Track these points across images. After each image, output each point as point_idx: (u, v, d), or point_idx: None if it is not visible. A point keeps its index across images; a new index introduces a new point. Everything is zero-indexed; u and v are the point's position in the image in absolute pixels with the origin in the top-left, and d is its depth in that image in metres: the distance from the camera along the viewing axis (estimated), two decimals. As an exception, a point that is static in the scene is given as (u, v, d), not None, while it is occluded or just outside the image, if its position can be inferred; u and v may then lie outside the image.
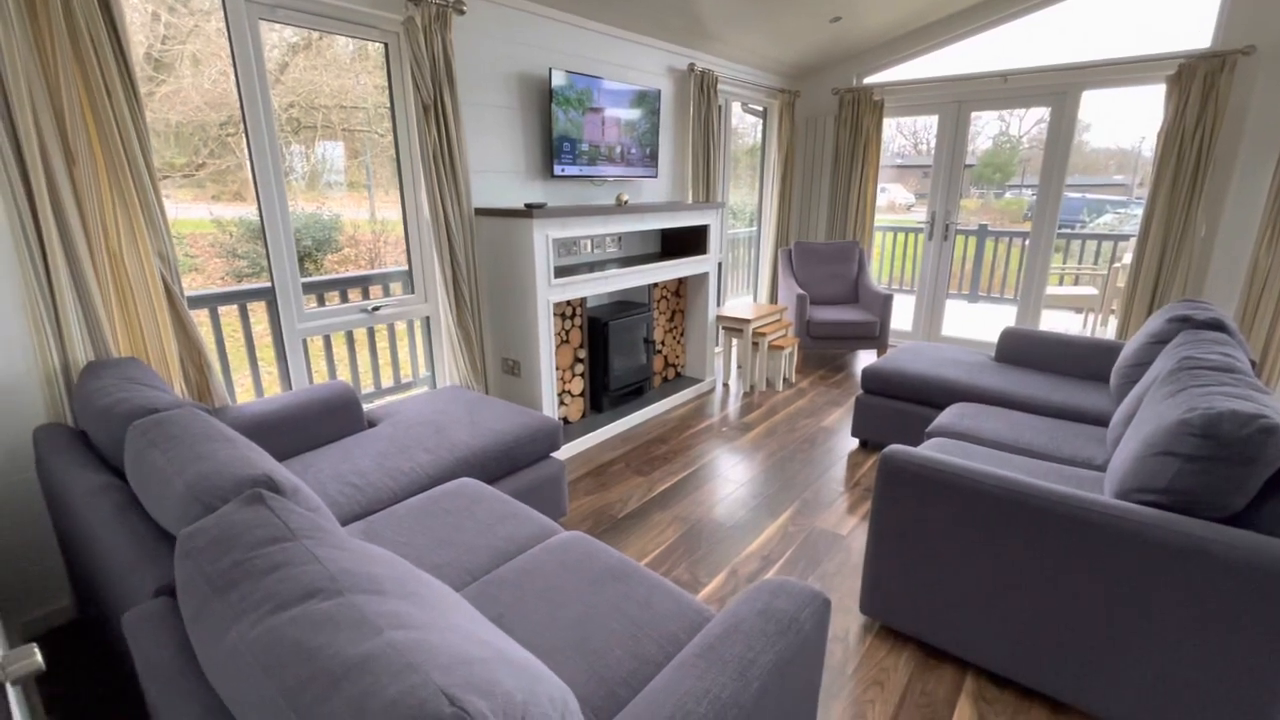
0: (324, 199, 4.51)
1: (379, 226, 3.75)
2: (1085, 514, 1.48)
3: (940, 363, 3.09)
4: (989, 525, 1.61)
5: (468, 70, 2.73)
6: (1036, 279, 4.53)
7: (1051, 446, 2.24)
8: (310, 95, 3.76)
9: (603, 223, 3.08)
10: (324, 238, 4.92)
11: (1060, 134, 4.24)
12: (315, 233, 4.82)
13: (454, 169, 2.58)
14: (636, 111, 3.48)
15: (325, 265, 4.75)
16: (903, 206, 14.89)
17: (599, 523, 2.49)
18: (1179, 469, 1.42)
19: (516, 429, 2.30)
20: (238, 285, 3.82)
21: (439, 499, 1.84)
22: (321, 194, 4.44)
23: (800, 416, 3.65)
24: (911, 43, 4.63)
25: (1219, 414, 1.37)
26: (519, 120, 3.01)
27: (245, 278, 4.55)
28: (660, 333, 3.95)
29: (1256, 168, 3.63)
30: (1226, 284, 3.82)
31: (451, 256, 2.64)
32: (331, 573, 0.82)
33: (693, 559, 2.24)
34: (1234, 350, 1.99)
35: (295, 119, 4.01)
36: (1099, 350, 2.92)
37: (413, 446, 2.13)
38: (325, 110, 3.89)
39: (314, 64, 3.90)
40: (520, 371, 2.96)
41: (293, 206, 4.43)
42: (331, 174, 4.18)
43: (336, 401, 2.28)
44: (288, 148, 4.05)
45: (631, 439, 3.32)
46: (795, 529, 2.45)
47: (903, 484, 1.73)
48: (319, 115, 3.90)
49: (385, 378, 3.23)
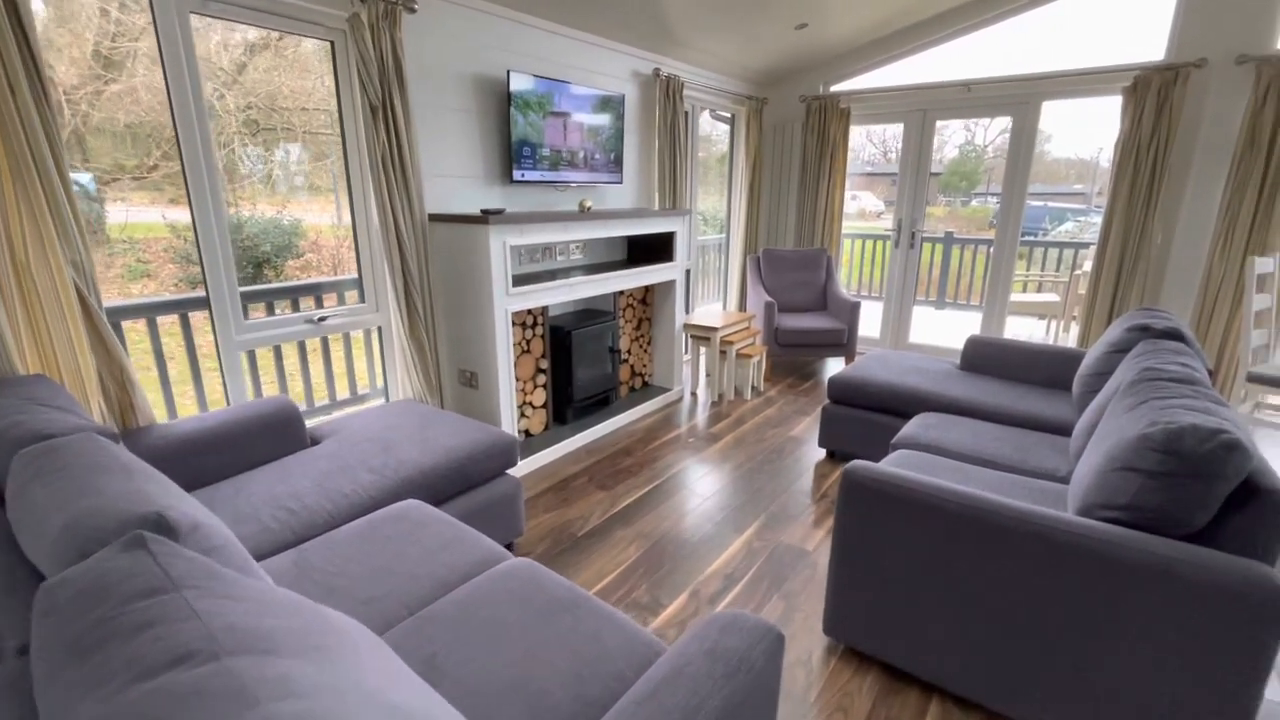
0: (286, 203, 4.34)
1: (343, 231, 3.63)
2: (1048, 532, 1.43)
3: (906, 371, 3.07)
4: (952, 543, 1.56)
5: (420, 71, 2.62)
6: (1001, 286, 4.57)
7: (1016, 458, 2.21)
8: (270, 97, 3.61)
9: (564, 229, 2.99)
10: (284, 243, 4.73)
11: (1022, 143, 4.28)
12: (275, 238, 4.64)
13: (405, 173, 2.47)
14: (600, 116, 3.41)
15: (286, 271, 4.57)
16: (873, 214, 15.10)
17: (558, 542, 2.40)
18: (1141, 485, 1.38)
19: (469, 445, 2.19)
20: (176, 294, 3.62)
21: (381, 523, 1.73)
22: (285, 198, 4.27)
23: (768, 426, 3.60)
24: (877, 51, 4.65)
25: (1180, 429, 1.33)
26: (476, 124, 2.91)
27: (199, 284, 4.36)
28: (626, 341, 3.87)
29: (1209, 178, 3.71)
30: (1182, 292, 3.89)
31: (403, 264, 2.53)
32: (211, 631, 0.72)
33: (653, 579, 2.16)
34: (1192, 360, 1.99)
35: (254, 121, 3.85)
36: (1061, 358, 2.93)
37: (356, 466, 2.01)
38: (286, 113, 3.74)
39: (275, 65, 3.75)
40: (478, 384, 2.85)
41: (251, 211, 4.24)
42: (295, 177, 4.03)
43: (276, 418, 2.15)
44: (244, 150, 3.89)
45: (596, 451, 3.23)
46: (760, 544, 2.38)
47: (865, 501, 1.68)
48: (279, 118, 3.75)
49: (341, 388, 3.10)
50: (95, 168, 3.58)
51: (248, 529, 1.67)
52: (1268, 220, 3.49)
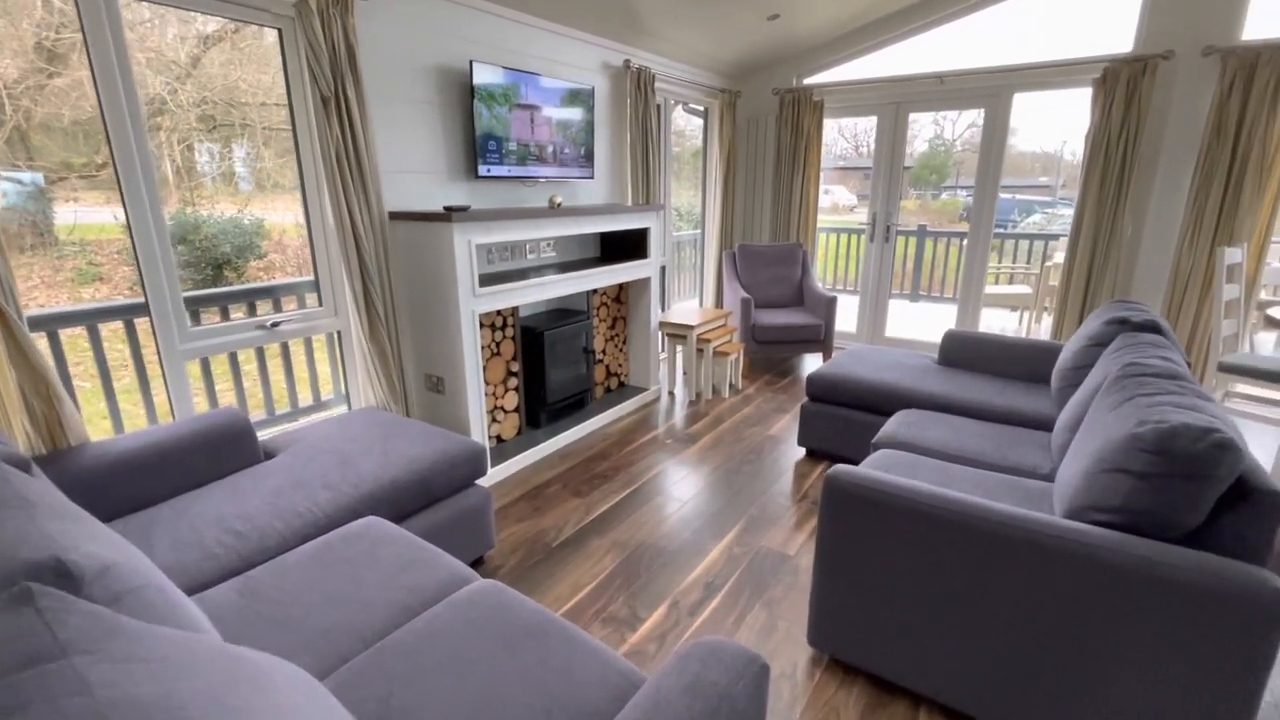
0: (248, 202, 4.14)
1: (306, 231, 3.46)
2: (1037, 537, 1.38)
3: (884, 367, 3.03)
4: (938, 549, 1.50)
5: (376, 61, 2.49)
6: (975, 278, 4.57)
7: (997, 455, 2.18)
8: (228, 91, 3.42)
9: (534, 226, 2.88)
10: (245, 243, 4.53)
11: (994, 135, 4.28)
12: (235, 238, 4.43)
13: (361, 169, 2.34)
14: (569, 109, 3.30)
15: (249, 272, 4.38)
16: (846, 208, 15.21)
17: (531, 553, 2.30)
18: (1132, 487, 1.33)
19: (434, 456, 2.08)
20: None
21: (337, 544, 1.61)
22: (247, 196, 4.08)
23: (747, 425, 3.54)
24: (850, 43, 4.61)
25: (1171, 429, 1.29)
26: (438, 117, 2.78)
27: None
28: (601, 341, 3.77)
29: (1177, 170, 3.73)
30: (1152, 283, 3.92)
31: (361, 265, 2.39)
32: (100, 708, 0.61)
33: (631, 590, 2.08)
34: (1172, 353, 1.96)
35: (210, 116, 3.65)
36: (1039, 352, 2.91)
37: (312, 481, 1.88)
38: (244, 108, 3.55)
39: (232, 58, 3.56)
40: (445, 389, 2.73)
41: (210, 210, 4.04)
42: (257, 175, 3.84)
43: (224, 431, 2.01)
44: (200, 146, 3.69)
45: (571, 456, 3.13)
46: (741, 550, 2.31)
47: (849, 508, 1.61)
48: (237, 113, 3.56)
49: (304, 394, 2.95)
50: (41, 166, 3.36)
51: (189, 556, 1.54)
52: (1234, 210, 3.53)
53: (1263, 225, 3.54)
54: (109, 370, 2.37)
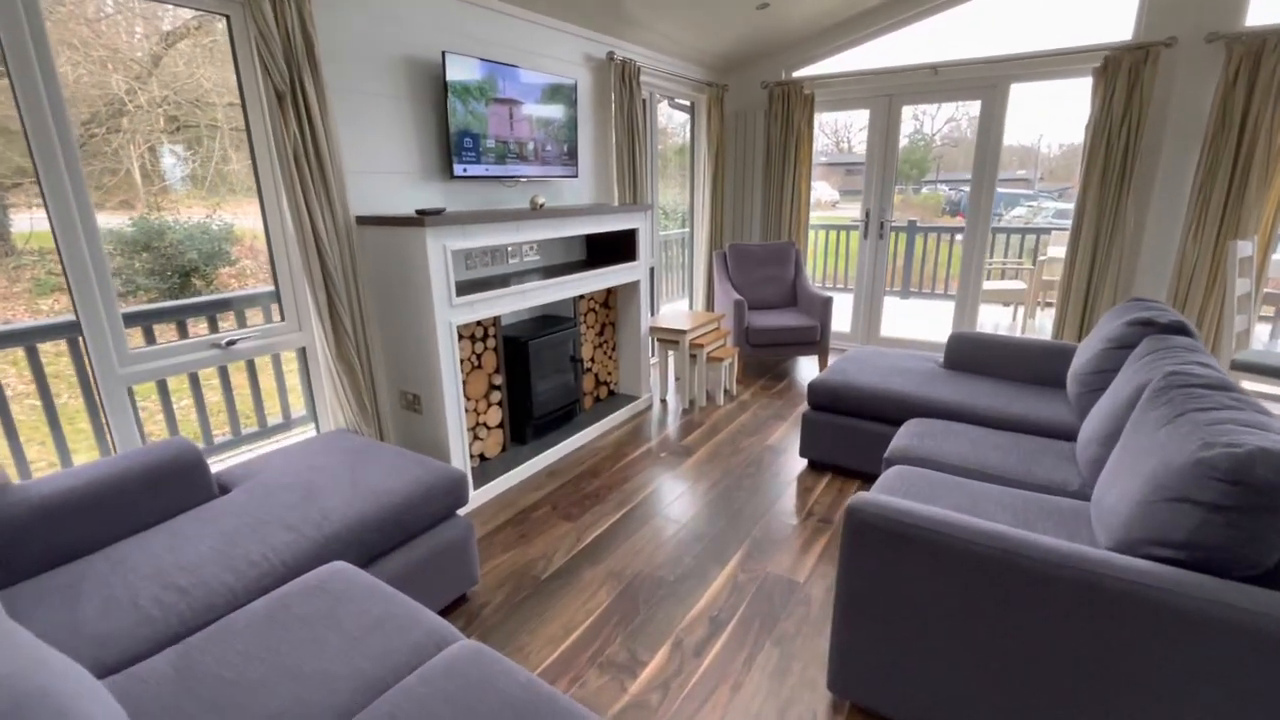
0: (218, 205, 3.91)
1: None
2: (1095, 578, 1.22)
3: (889, 372, 2.87)
4: (974, 587, 1.33)
5: (339, 52, 2.27)
6: (973, 274, 4.44)
7: (1021, 469, 2.02)
8: (193, 91, 3.19)
9: (515, 230, 2.68)
10: (214, 250, 4.29)
11: (991, 128, 4.15)
12: (202, 244, 4.19)
13: (323, 169, 2.13)
14: (551, 104, 3.10)
15: (220, 280, 4.14)
16: (828, 203, 15.15)
17: (519, 588, 2.10)
18: (1203, 520, 1.17)
19: (409, 486, 1.88)
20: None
21: (295, 600, 1.41)
22: (220, 200, 3.85)
23: (744, 434, 3.37)
24: (841, 34, 4.45)
25: (1249, 454, 1.13)
26: (409, 112, 2.57)
27: (122, 297, 3.93)
28: (589, 349, 3.58)
29: (1180, 161, 3.62)
30: (1156, 277, 3.82)
31: (324, 274, 2.18)
32: None
33: (629, 630, 1.89)
34: (1208, 359, 1.82)
35: (174, 117, 3.41)
36: (1050, 353, 2.77)
37: (270, 522, 1.67)
38: (210, 108, 3.32)
39: (195, 56, 3.32)
40: (421, 407, 2.52)
41: (174, 216, 3.79)
42: (230, 178, 3.60)
43: (171, 465, 1.80)
44: (162, 148, 3.44)
45: (559, 473, 2.94)
46: (746, 577, 2.14)
47: (872, 540, 1.44)
48: (203, 114, 3.32)
49: (274, 413, 2.72)
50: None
51: (121, 622, 1.33)
52: (1240, 202, 3.42)
53: (1269, 218, 3.44)
54: (51, 397, 2.14)
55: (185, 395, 2.67)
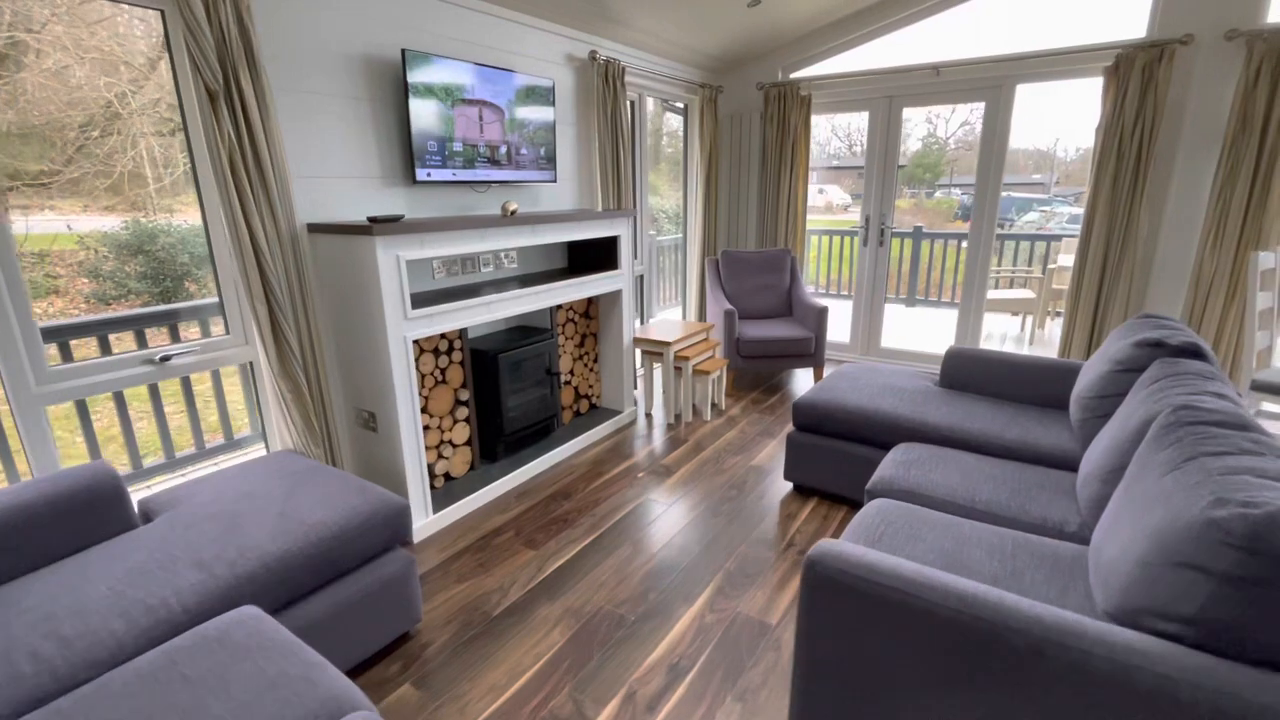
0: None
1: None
2: (1083, 656, 1.04)
3: (880, 391, 2.69)
4: (948, 660, 1.16)
5: (285, 49, 2.14)
6: (977, 282, 4.24)
7: (1015, 505, 1.84)
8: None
9: (480, 238, 2.53)
10: (206, 253, 4.21)
11: (995, 130, 3.95)
12: (196, 248, 4.10)
13: (263, 174, 1.99)
14: (526, 105, 2.95)
15: (212, 285, 4.06)
16: (840, 207, 14.94)
17: (468, 625, 1.95)
18: (1213, 592, 1.00)
19: (344, 517, 1.73)
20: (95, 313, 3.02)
21: (185, 655, 1.26)
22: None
23: (729, 453, 3.20)
24: (839, 33, 4.27)
25: (1269, 517, 0.95)
26: (368, 114, 2.44)
27: (112, 301, 3.86)
28: (569, 361, 3.43)
29: (1197, 164, 3.41)
30: (1171, 289, 3.60)
31: (265, 286, 2.05)
32: None
33: (579, 677, 1.73)
34: (1224, 387, 1.63)
35: (167, 119, 3.32)
36: (1053, 373, 2.58)
37: (181, 559, 1.53)
38: None
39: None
40: (377, 425, 2.38)
41: (168, 219, 3.71)
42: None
43: (85, 493, 1.66)
44: (157, 151, 3.36)
45: (531, 493, 2.79)
46: (714, 617, 1.97)
47: (835, 600, 1.27)
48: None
49: (215, 432, 2.60)
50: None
51: (-16, 680, 1.19)
52: (1262, 210, 3.20)
53: (1293, 226, 3.22)
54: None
55: (145, 413, 2.55)
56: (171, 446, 2.56)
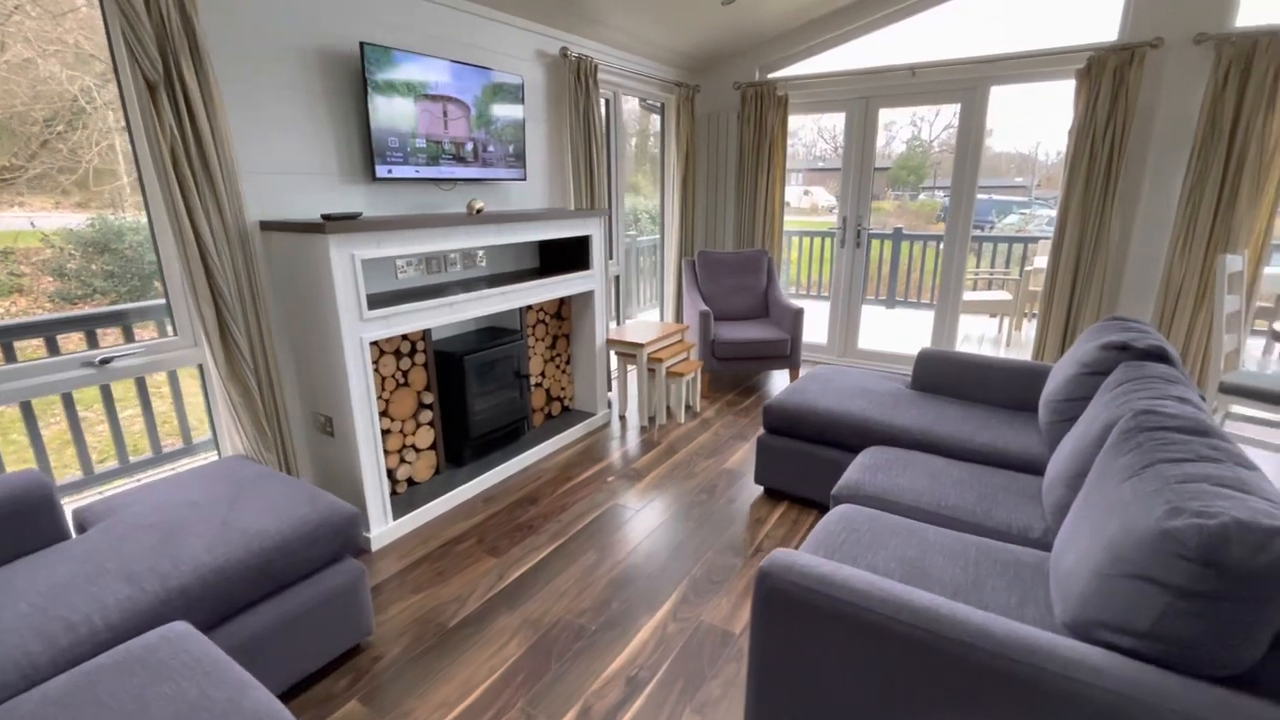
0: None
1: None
2: (1035, 672, 1.01)
3: (852, 394, 2.66)
4: (902, 676, 1.12)
5: (233, 39, 2.06)
6: (953, 283, 4.24)
7: (980, 510, 1.81)
8: None
9: (443, 236, 2.47)
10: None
11: (971, 131, 3.95)
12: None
13: (209, 169, 1.91)
14: (493, 101, 2.89)
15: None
16: (825, 209, 15.01)
17: (421, 637, 1.88)
18: (1168, 606, 0.96)
19: (289, 526, 1.66)
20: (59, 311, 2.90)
21: (105, 676, 1.19)
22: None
23: (701, 456, 3.15)
24: (815, 33, 4.25)
25: (1223, 530, 0.92)
26: (323, 108, 2.36)
27: (78, 300, 3.74)
28: (539, 363, 3.37)
29: (1168, 168, 3.43)
30: (1142, 292, 3.62)
31: (211, 286, 1.97)
32: None
33: (534, 691, 1.67)
34: (1187, 391, 1.61)
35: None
36: (1023, 375, 2.56)
37: (110, 572, 1.46)
38: None
39: None
40: (334, 430, 2.31)
41: (134, 216, 3.58)
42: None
43: (10, 505, 1.58)
44: (122, 147, 3.26)
45: (497, 498, 2.72)
46: (677, 626, 1.92)
47: (788, 613, 1.23)
48: None
49: (172, 437, 2.51)
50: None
51: (-124, 707, 1.11)
52: (1230, 214, 3.22)
53: (1261, 230, 3.24)
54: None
55: (104, 417, 2.45)
56: (126, 451, 2.47)
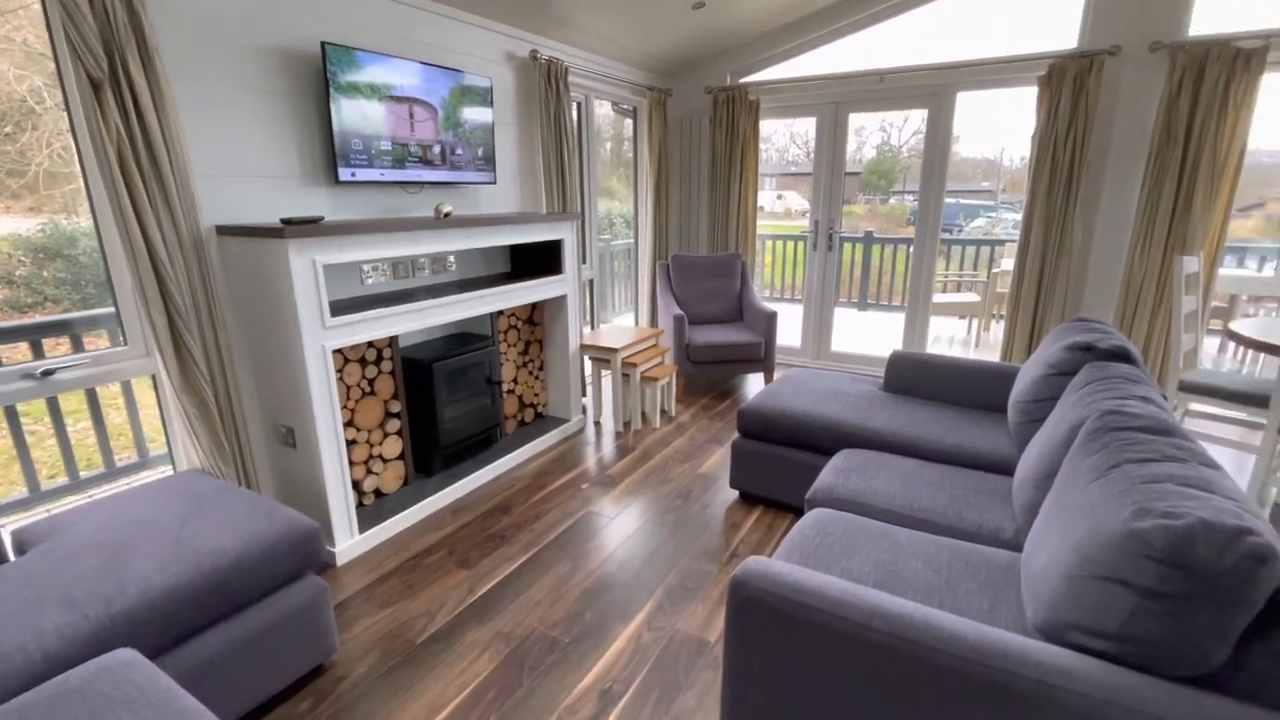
0: None
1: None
2: (1007, 677, 1.00)
3: (824, 396, 2.67)
4: (878, 684, 1.10)
5: (183, 35, 1.98)
6: (923, 285, 4.29)
7: (952, 513, 1.82)
8: None
9: (409, 241, 2.41)
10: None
11: (938, 136, 4.01)
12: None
13: (159, 171, 1.83)
14: (462, 103, 2.84)
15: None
16: (799, 213, 15.17)
17: (389, 654, 1.82)
18: (1136, 608, 0.96)
19: (245, 543, 1.59)
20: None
21: (39, 711, 1.11)
22: None
23: (676, 461, 3.13)
24: (786, 38, 4.28)
25: (1189, 531, 0.92)
26: (284, 109, 2.29)
27: (27, 309, 3.56)
28: (511, 369, 3.31)
29: (1126, 171, 3.52)
30: (1104, 293, 3.70)
31: (163, 294, 1.88)
32: None
33: (505, 708, 1.63)
34: (1150, 391, 1.64)
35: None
36: (993, 376, 2.60)
37: (49, 598, 1.37)
38: None
39: None
40: (296, 441, 2.23)
41: (89, 221, 3.42)
42: None
43: (-59, 528, 1.48)
44: (76, 149, 3.11)
45: (468, 508, 2.66)
46: (652, 636, 1.89)
47: (762, 623, 1.20)
48: None
49: (158, 443, 2.40)
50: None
51: None
52: (1186, 217, 3.32)
53: (1214, 232, 3.34)
54: None
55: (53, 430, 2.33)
56: (76, 467, 2.36)
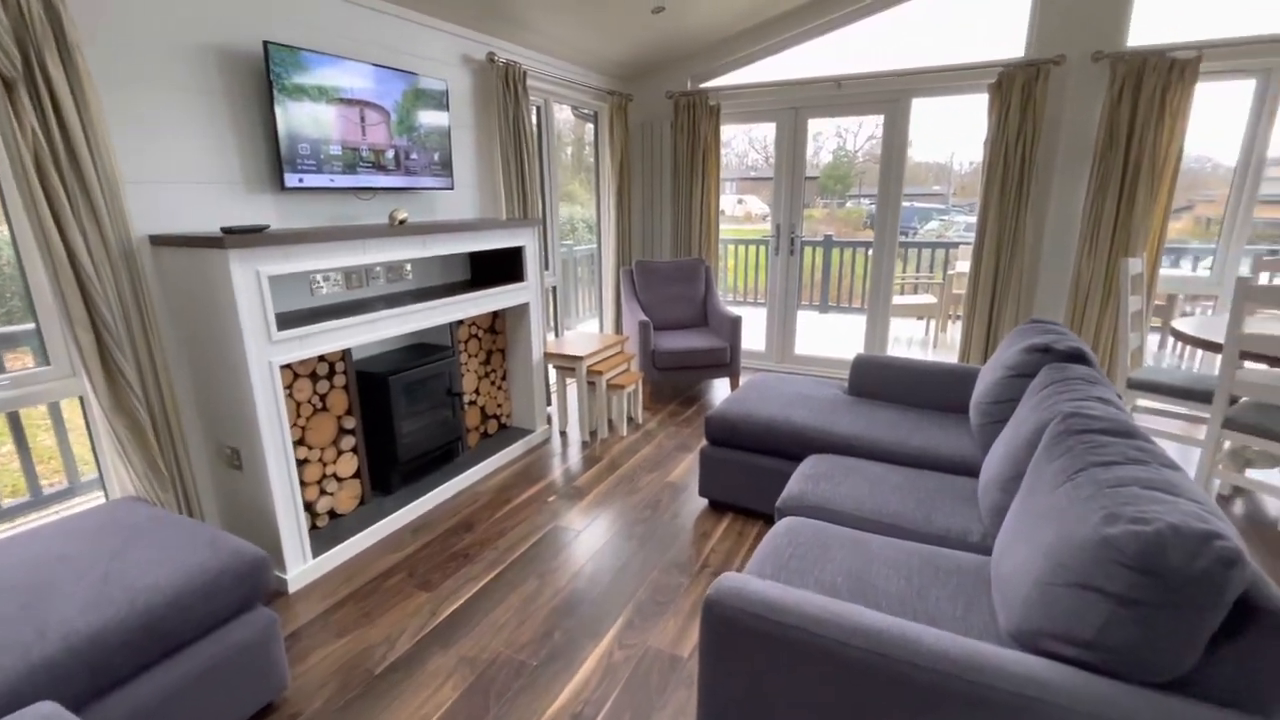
0: None
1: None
2: (986, 690, 0.98)
3: (790, 401, 2.66)
4: (860, 701, 1.08)
5: (109, 32, 1.85)
6: (883, 288, 4.36)
7: (920, 517, 1.82)
8: None
9: (360, 249, 2.30)
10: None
11: (894, 142, 4.08)
12: None
13: (82, 177, 1.70)
14: (416, 107, 2.75)
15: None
16: (759, 216, 15.35)
17: (346, 686, 1.72)
18: (1110, 615, 0.96)
19: (184, 578, 1.48)
20: None
21: (-60, 779, 1.00)
22: None
23: (644, 469, 3.09)
24: (746, 44, 4.30)
25: (1160, 537, 0.92)
26: (224, 111, 2.17)
27: None
28: (473, 380, 3.22)
29: (1073, 178, 3.64)
30: (1055, 294, 3.82)
31: (90, 309, 1.75)
32: None
33: (471, 740, 1.55)
34: (1107, 392, 1.67)
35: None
36: (954, 378, 2.63)
37: (-43, 648, 1.24)
38: None
39: None
40: (242, 463, 2.10)
41: (6, 232, 3.16)
42: None
43: None
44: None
45: (428, 527, 2.57)
46: (623, 654, 1.84)
47: (738, 642, 1.17)
48: None
49: (88, 471, 2.23)
50: None
51: None
52: (1129, 219, 3.45)
53: (1155, 234, 3.48)
54: None
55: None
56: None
